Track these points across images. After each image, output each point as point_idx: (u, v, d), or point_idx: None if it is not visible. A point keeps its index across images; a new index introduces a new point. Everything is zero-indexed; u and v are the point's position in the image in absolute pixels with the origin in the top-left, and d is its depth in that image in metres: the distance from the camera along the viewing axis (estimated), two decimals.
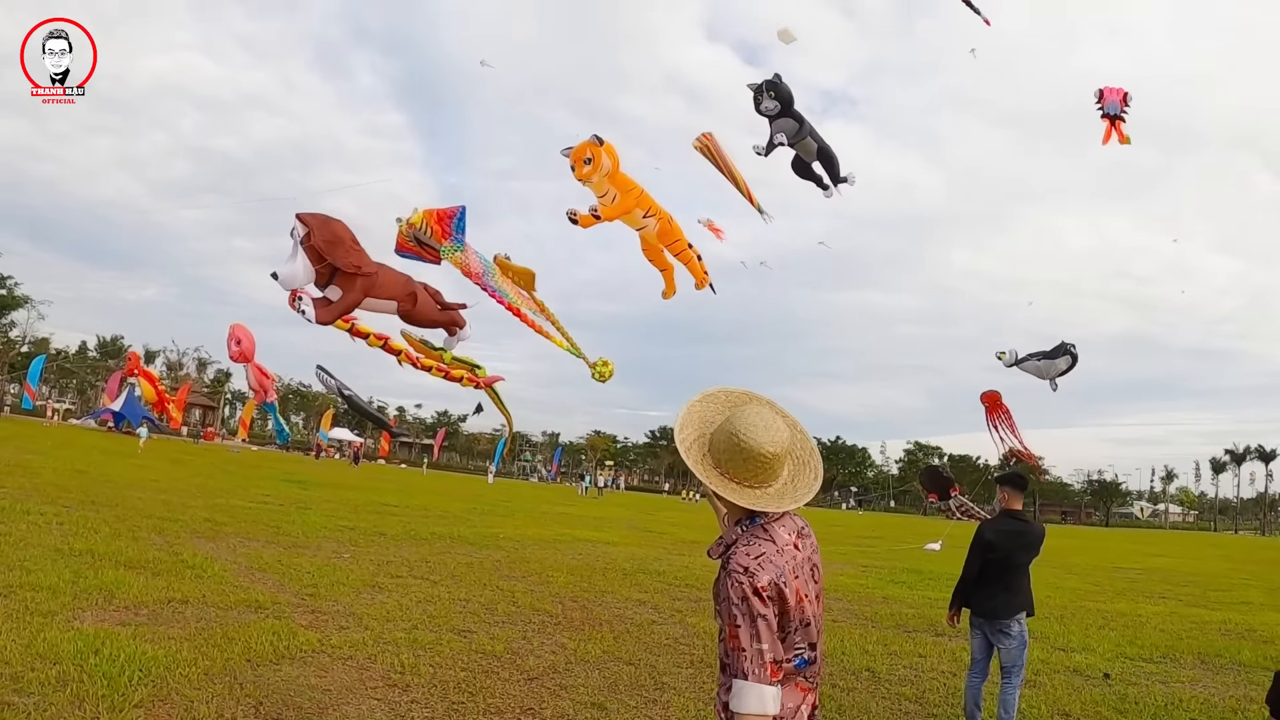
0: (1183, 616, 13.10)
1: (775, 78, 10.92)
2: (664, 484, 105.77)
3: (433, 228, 9.85)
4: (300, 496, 21.05)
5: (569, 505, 37.31)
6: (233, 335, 19.50)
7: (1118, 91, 18.67)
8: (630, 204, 10.32)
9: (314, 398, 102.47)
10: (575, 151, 9.85)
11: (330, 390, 21.75)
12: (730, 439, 2.22)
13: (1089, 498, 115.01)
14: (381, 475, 46.45)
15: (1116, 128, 18.57)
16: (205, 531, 12.40)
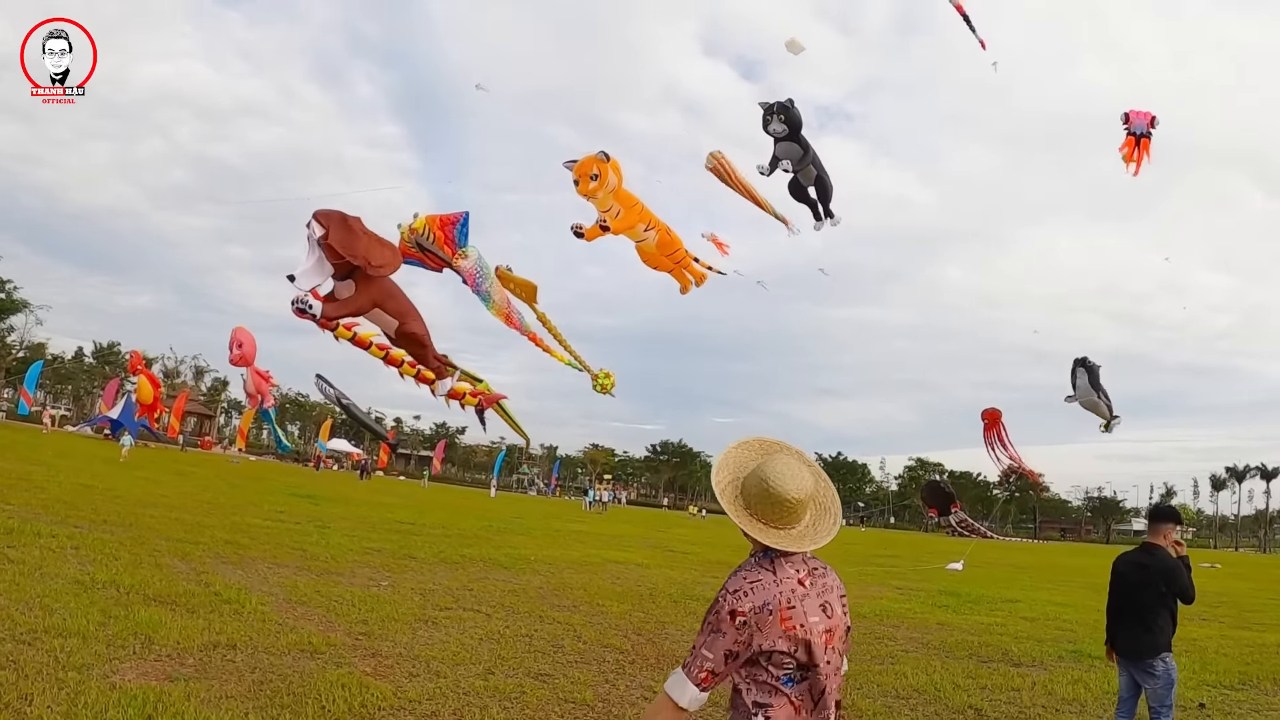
0: (1236, 640, 12.51)
1: (788, 102, 10.85)
2: (663, 498, 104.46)
3: (435, 233, 9.76)
4: (315, 513, 20.00)
5: (579, 522, 36.33)
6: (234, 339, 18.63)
7: (1145, 115, 18.01)
8: (634, 219, 10.39)
9: (311, 407, 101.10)
10: (581, 166, 9.72)
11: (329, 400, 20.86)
12: (760, 484, 2.48)
13: (1088, 515, 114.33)
14: (385, 489, 45.37)
15: (1144, 147, 17.95)
16: (229, 555, 11.37)
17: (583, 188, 9.80)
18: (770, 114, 10.89)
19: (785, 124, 10.88)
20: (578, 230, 10.26)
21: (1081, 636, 11.87)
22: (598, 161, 9.72)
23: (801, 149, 11.22)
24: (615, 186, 10.02)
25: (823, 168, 11.75)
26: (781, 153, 11.15)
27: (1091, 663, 9.63)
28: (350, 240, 8.37)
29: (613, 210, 10.17)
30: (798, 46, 12.86)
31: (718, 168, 11.22)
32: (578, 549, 20.19)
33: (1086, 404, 16.56)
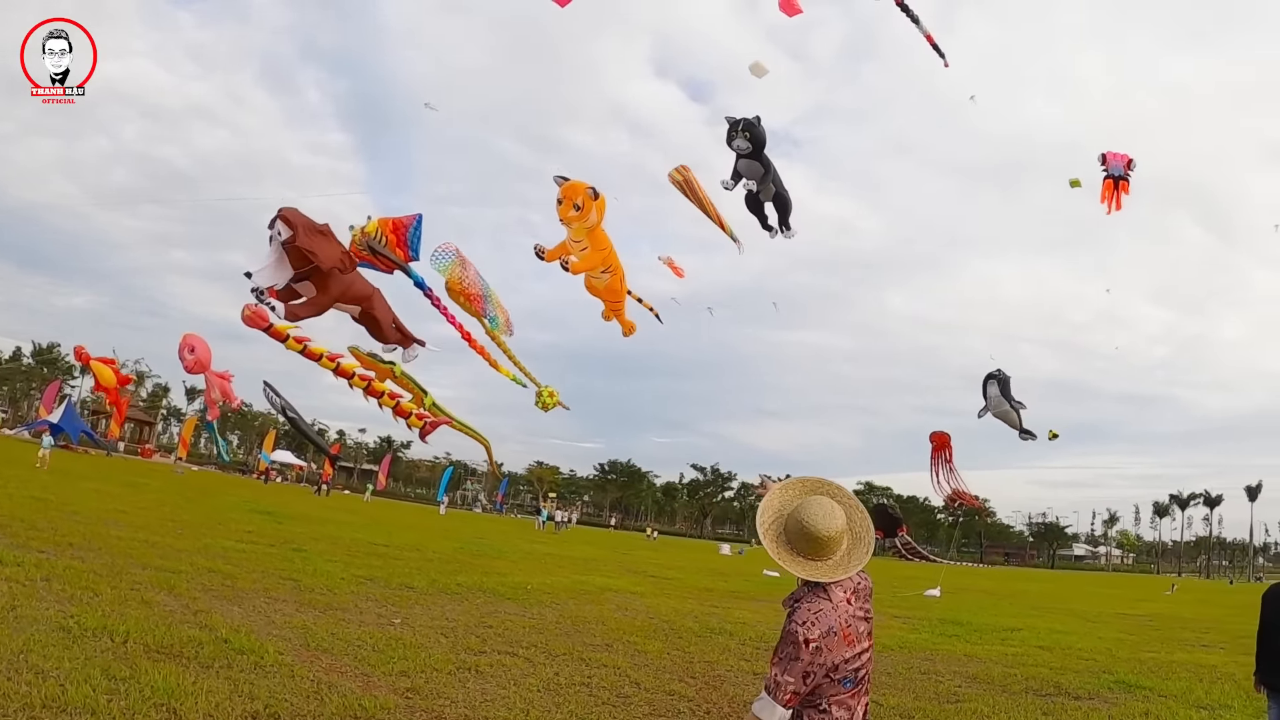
0: None
1: (754, 119, 10.61)
2: (610, 518, 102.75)
3: (388, 236, 9.27)
4: (283, 534, 18.40)
5: (541, 543, 35.06)
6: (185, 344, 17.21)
7: (1122, 157, 17.62)
8: (598, 261, 10.22)
9: (254, 417, 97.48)
10: (570, 189, 9.36)
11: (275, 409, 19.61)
12: (799, 524, 2.83)
13: (1030, 539, 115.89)
14: (336, 504, 43.40)
15: (1120, 190, 17.57)
16: (218, 588, 9.89)
17: (563, 211, 9.45)
18: (735, 130, 10.59)
19: (749, 141, 10.61)
20: (540, 252, 10.19)
21: (1110, 666, 11.65)
22: (586, 195, 9.36)
23: (764, 166, 10.98)
24: (594, 224, 9.73)
25: (782, 185, 11.50)
26: (744, 169, 10.89)
27: (1145, 694, 9.61)
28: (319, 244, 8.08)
29: (582, 244, 9.96)
30: (761, 69, 12.79)
31: (682, 182, 10.94)
32: (563, 574, 19.01)
33: (999, 414, 16.00)
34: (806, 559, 2.79)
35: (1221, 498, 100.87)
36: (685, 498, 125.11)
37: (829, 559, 2.79)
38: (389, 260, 9.53)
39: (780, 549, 2.85)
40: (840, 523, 2.79)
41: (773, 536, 2.89)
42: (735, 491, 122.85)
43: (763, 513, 2.97)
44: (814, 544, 2.76)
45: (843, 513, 2.84)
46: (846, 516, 2.85)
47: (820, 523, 2.76)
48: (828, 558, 2.79)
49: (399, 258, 9.42)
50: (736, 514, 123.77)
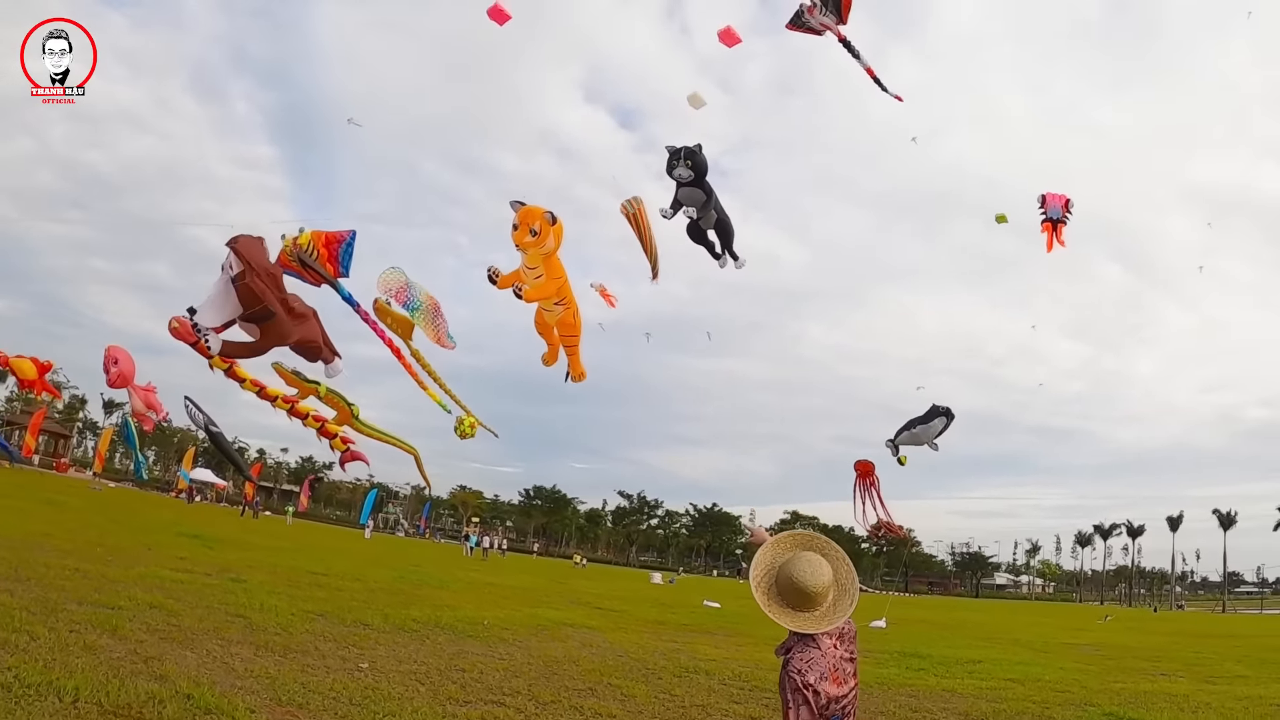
0: (1235, 696, 12.20)
1: (695, 147, 10.36)
2: (533, 544, 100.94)
3: (320, 250, 8.91)
4: (218, 561, 17.11)
5: (475, 570, 33.96)
6: (109, 357, 16.16)
7: (1060, 198, 17.81)
8: (552, 290, 9.81)
9: (173, 433, 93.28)
10: (526, 214, 8.98)
11: (197, 425, 18.50)
12: (789, 579, 3.06)
13: (952, 569, 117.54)
14: (261, 528, 41.46)
15: (1058, 232, 17.77)
16: (164, 627, 8.84)
17: (519, 236, 8.97)
18: (676, 158, 10.27)
19: (691, 169, 10.29)
20: (493, 275, 9.54)
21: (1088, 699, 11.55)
22: (544, 220, 8.95)
23: (705, 194, 10.66)
24: (550, 251, 9.30)
25: (724, 212, 11.27)
26: (684, 198, 10.57)
27: None
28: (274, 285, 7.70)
29: (536, 271, 9.47)
30: (699, 101, 12.70)
31: (633, 215, 10.65)
32: (511, 607, 18.15)
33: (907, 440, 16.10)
34: (795, 611, 3.04)
35: (1144, 528, 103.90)
36: (610, 525, 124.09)
37: (816, 611, 3.04)
38: (317, 274, 9.08)
39: (770, 602, 3.10)
40: (826, 578, 3.04)
41: (764, 590, 3.13)
42: (660, 519, 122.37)
43: (755, 567, 3.21)
44: (802, 597, 3.02)
45: (829, 568, 3.09)
46: (833, 570, 3.11)
47: (808, 579, 3.01)
48: (814, 609, 3.04)
49: (328, 273, 8.94)
50: (661, 541, 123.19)
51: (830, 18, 12.52)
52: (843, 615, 3.07)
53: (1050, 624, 36.45)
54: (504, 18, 13.18)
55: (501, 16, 13.17)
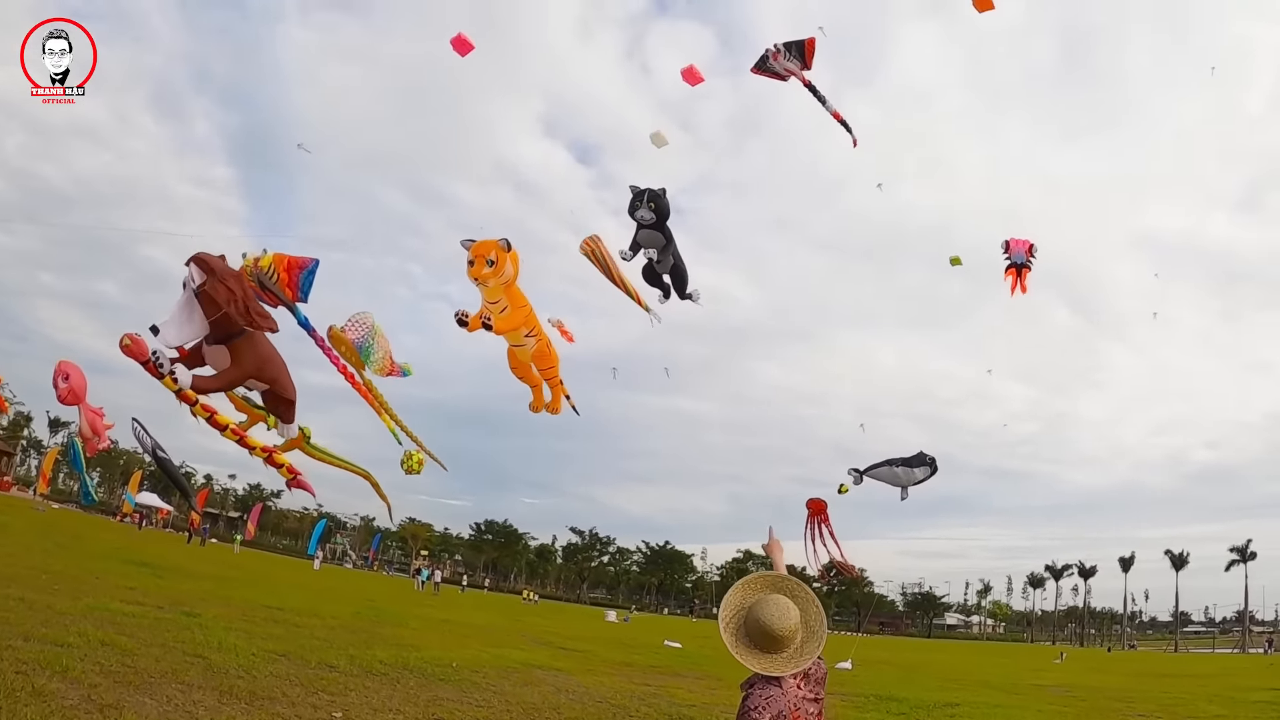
0: None
1: (660, 190, 10.29)
2: (484, 579, 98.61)
3: (281, 274, 8.66)
4: (170, 593, 16.10)
5: (429, 606, 32.96)
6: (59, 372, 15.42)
7: (1024, 243, 17.90)
8: (519, 320, 9.65)
9: (119, 455, 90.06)
10: (480, 247, 8.87)
11: (145, 449, 17.95)
12: (756, 622, 3.05)
13: (902, 610, 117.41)
14: (208, 556, 39.86)
15: (1022, 277, 17.83)
16: (119, 669, 8.03)
17: (476, 270, 8.81)
18: (639, 200, 10.16)
19: (654, 211, 10.21)
20: (462, 318, 9.25)
21: None
22: (499, 248, 8.81)
23: (665, 238, 10.56)
24: (510, 279, 9.12)
25: (680, 258, 11.16)
26: (645, 240, 10.47)
27: None
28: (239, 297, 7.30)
29: (500, 304, 9.29)
30: (662, 140, 12.82)
31: (592, 252, 10.51)
32: (475, 647, 17.46)
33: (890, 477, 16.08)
34: (762, 653, 3.04)
35: (1095, 569, 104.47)
36: (561, 561, 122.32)
37: (783, 653, 3.04)
38: (275, 297, 8.76)
39: (738, 644, 3.08)
40: (794, 620, 3.03)
41: (731, 631, 3.13)
42: (611, 556, 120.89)
43: (724, 609, 3.20)
44: (769, 640, 3.01)
45: (798, 610, 3.08)
46: (801, 612, 3.10)
47: (775, 622, 3.01)
48: (782, 652, 3.04)
49: (286, 297, 8.64)
50: (611, 579, 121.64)
51: (795, 63, 12.70)
52: (810, 657, 3.06)
53: (1009, 665, 36.44)
54: (467, 48, 13.15)
55: (464, 47, 13.15)
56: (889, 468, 15.97)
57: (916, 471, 15.89)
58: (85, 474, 40.91)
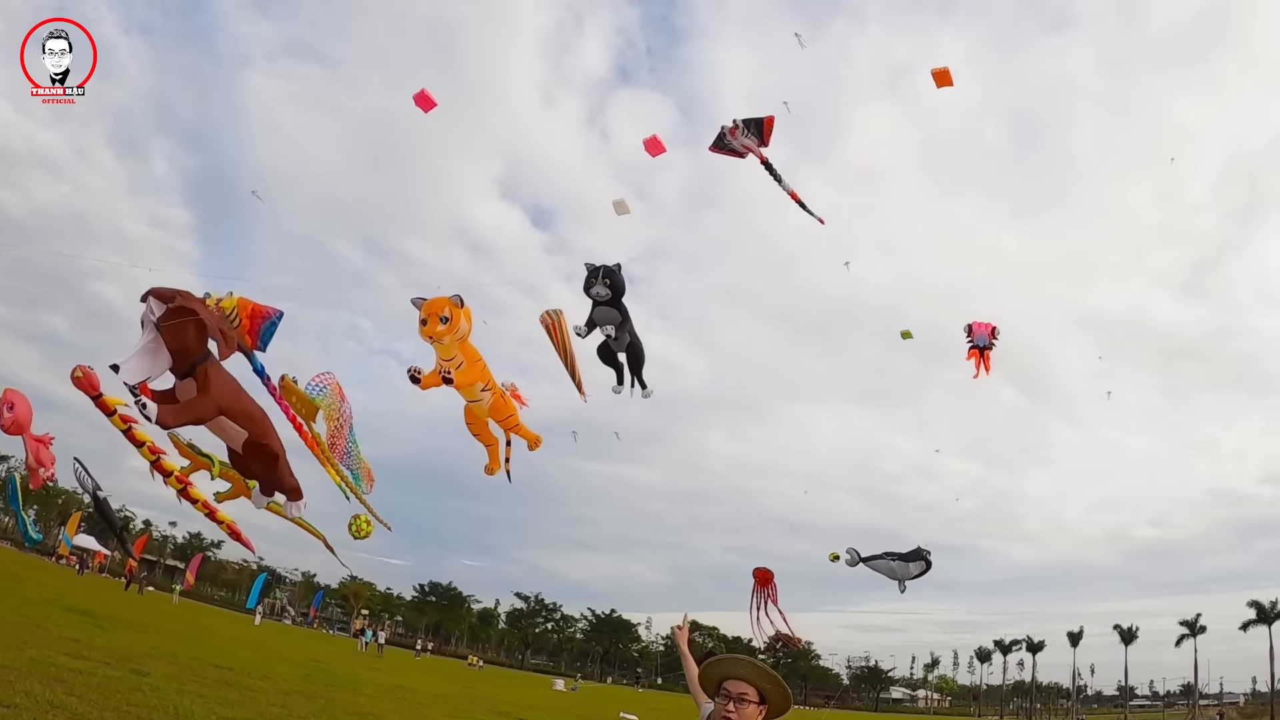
0: None
1: (615, 266, 10.34)
2: (427, 642, 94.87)
3: (244, 320, 8.56)
4: (116, 647, 14.86)
5: (378, 669, 31.57)
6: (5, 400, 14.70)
7: (986, 326, 18.06)
8: (475, 376, 9.60)
9: (57, 495, 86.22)
10: (432, 305, 8.80)
11: (85, 489, 17.33)
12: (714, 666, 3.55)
13: (848, 682, 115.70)
14: (148, 605, 37.90)
15: (985, 359, 17.90)
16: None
17: (430, 328, 8.69)
18: (595, 276, 10.19)
19: (609, 288, 10.21)
20: (415, 375, 9.34)
21: None
22: (451, 304, 8.74)
23: (620, 315, 10.49)
24: (464, 335, 9.05)
25: (636, 336, 11.08)
26: (600, 316, 10.42)
27: None
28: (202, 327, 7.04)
29: (455, 360, 9.25)
30: (624, 208, 12.78)
31: (551, 326, 10.54)
32: (437, 718, 16.68)
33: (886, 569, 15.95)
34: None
35: (1044, 643, 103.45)
36: (504, 625, 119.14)
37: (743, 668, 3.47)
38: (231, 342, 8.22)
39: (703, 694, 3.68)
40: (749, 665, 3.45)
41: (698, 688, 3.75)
42: (555, 623, 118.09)
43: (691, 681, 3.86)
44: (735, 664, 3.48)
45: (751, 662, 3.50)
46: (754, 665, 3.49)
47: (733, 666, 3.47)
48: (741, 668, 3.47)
49: (245, 344, 8.46)
50: (555, 645, 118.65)
51: (752, 139, 12.86)
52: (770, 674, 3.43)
53: None
54: (430, 105, 13.25)
55: (427, 103, 13.25)
56: (886, 560, 15.77)
57: (912, 566, 15.68)
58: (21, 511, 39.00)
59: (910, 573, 15.53)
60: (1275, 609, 79.25)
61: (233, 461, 9.41)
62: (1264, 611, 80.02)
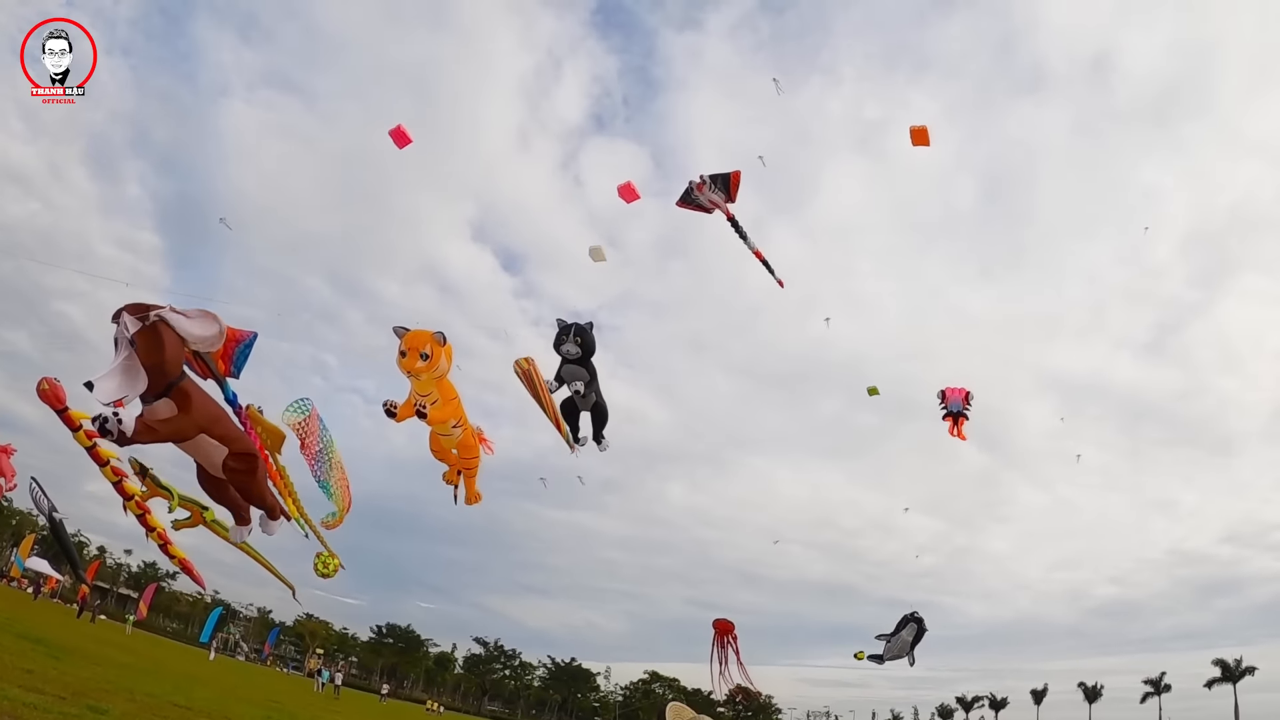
0: None
1: (588, 325, 10.25)
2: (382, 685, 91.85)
3: None
4: (71, 680, 13.91)
5: (335, 712, 30.72)
6: None
7: (960, 391, 18.06)
8: (449, 414, 9.58)
9: (10, 515, 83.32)
10: (414, 338, 8.70)
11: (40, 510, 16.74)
12: None
13: None
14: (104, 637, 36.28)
15: (960, 425, 17.83)
16: None
17: (409, 362, 8.65)
18: (566, 334, 10.16)
19: (580, 346, 10.20)
20: (390, 409, 9.33)
21: None
22: (434, 342, 8.70)
23: (589, 374, 10.51)
24: (443, 372, 9.05)
25: (602, 396, 11.08)
26: (569, 374, 10.44)
27: None
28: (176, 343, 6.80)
29: (431, 396, 9.23)
30: (600, 255, 12.87)
31: (525, 375, 10.45)
32: None
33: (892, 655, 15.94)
34: None
35: (1007, 700, 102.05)
36: (461, 670, 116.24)
37: None
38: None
39: None
40: None
41: None
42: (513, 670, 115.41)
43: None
44: None
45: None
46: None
47: None
48: None
49: (219, 370, 8.26)
50: (511, 692, 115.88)
51: (719, 194, 12.86)
52: None
53: None
54: (405, 141, 13.15)
55: (403, 140, 13.15)
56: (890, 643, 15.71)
57: (905, 634, 15.56)
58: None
59: (906, 641, 15.27)
60: (1239, 668, 79.41)
61: (203, 483, 8.99)
62: (1229, 670, 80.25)
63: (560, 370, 10.37)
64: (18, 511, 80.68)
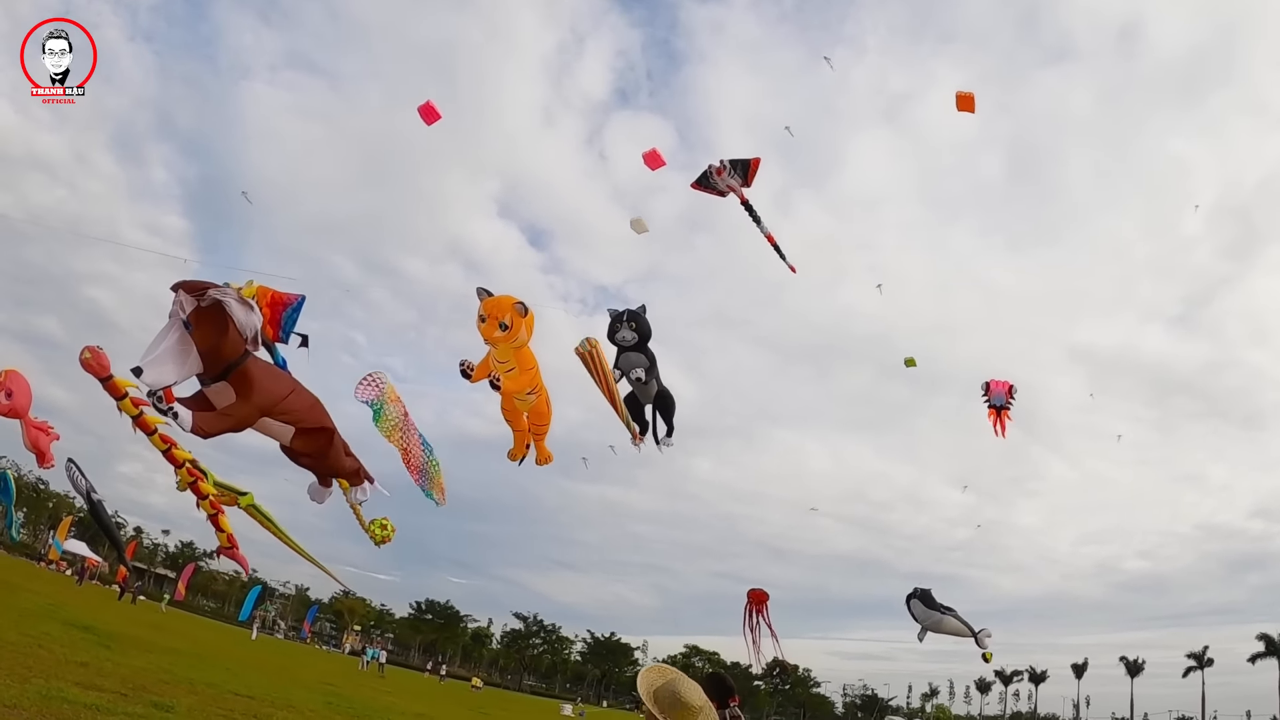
0: None
1: (640, 309, 9.95)
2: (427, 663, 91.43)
3: (264, 309, 7.90)
4: (129, 673, 13.03)
5: (389, 692, 30.07)
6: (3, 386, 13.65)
7: (1004, 384, 17.12)
8: (527, 382, 9.18)
9: (48, 497, 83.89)
10: (494, 305, 8.30)
11: (79, 491, 16.13)
12: (672, 695, 3.70)
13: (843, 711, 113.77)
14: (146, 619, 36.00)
15: (1003, 418, 16.87)
16: None
17: (487, 330, 8.29)
18: (619, 321, 9.79)
19: (635, 332, 9.81)
20: (466, 370, 9.01)
21: None
22: (515, 312, 8.28)
23: (649, 360, 10.06)
24: (522, 343, 8.65)
25: (663, 383, 10.51)
26: (626, 363, 9.95)
27: None
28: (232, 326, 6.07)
29: (508, 364, 8.89)
30: (642, 226, 12.68)
31: (588, 356, 9.70)
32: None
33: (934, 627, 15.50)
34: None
35: (1046, 674, 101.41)
36: (498, 646, 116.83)
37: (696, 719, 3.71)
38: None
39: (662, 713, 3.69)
40: (701, 697, 3.75)
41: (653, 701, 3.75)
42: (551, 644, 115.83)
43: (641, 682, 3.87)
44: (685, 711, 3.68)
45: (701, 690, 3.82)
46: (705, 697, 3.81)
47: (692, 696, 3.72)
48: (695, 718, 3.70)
49: (267, 335, 7.84)
50: (549, 667, 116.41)
51: (736, 180, 12.48)
52: None
53: None
54: (434, 117, 12.95)
55: (431, 115, 12.93)
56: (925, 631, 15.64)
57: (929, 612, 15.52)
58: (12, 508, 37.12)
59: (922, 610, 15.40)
60: None
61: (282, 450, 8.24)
62: (1273, 644, 78.87)
63: (618, 360, 9.91)
64: (54, 494, 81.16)
